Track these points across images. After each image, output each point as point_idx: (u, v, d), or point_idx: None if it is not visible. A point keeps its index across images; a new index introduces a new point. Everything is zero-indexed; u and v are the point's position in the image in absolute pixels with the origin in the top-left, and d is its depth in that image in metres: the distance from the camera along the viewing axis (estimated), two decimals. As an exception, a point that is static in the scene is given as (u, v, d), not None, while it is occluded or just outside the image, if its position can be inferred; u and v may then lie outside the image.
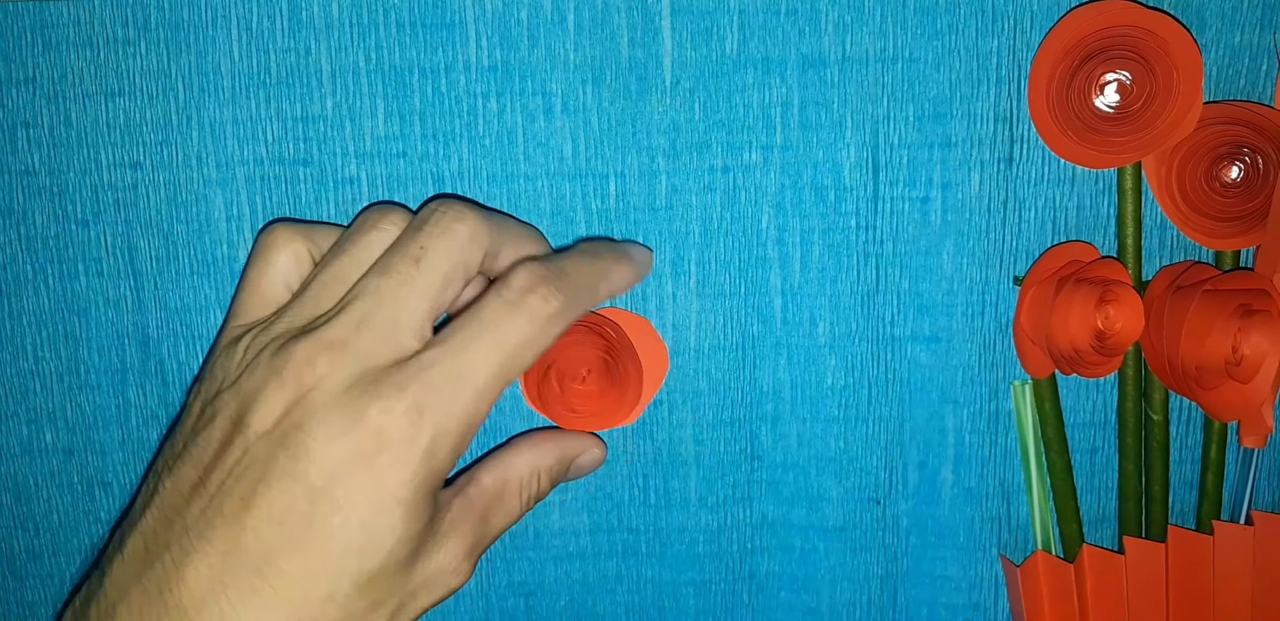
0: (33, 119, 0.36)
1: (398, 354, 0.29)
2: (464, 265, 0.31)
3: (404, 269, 0.30)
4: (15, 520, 0.38)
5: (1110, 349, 0.36)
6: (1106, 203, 0.38)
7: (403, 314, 0.30)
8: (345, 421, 0.28)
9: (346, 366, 0.29)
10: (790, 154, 0.37)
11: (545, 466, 0.34)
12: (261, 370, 0.29)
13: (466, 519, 0.31)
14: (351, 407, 0.28)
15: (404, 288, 0.30)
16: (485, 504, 0.32)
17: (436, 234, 0.31)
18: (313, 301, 0.31)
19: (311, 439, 0.28)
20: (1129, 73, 0.35)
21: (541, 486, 0.34)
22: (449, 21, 0.35)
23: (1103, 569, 0.38)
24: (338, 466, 0.28)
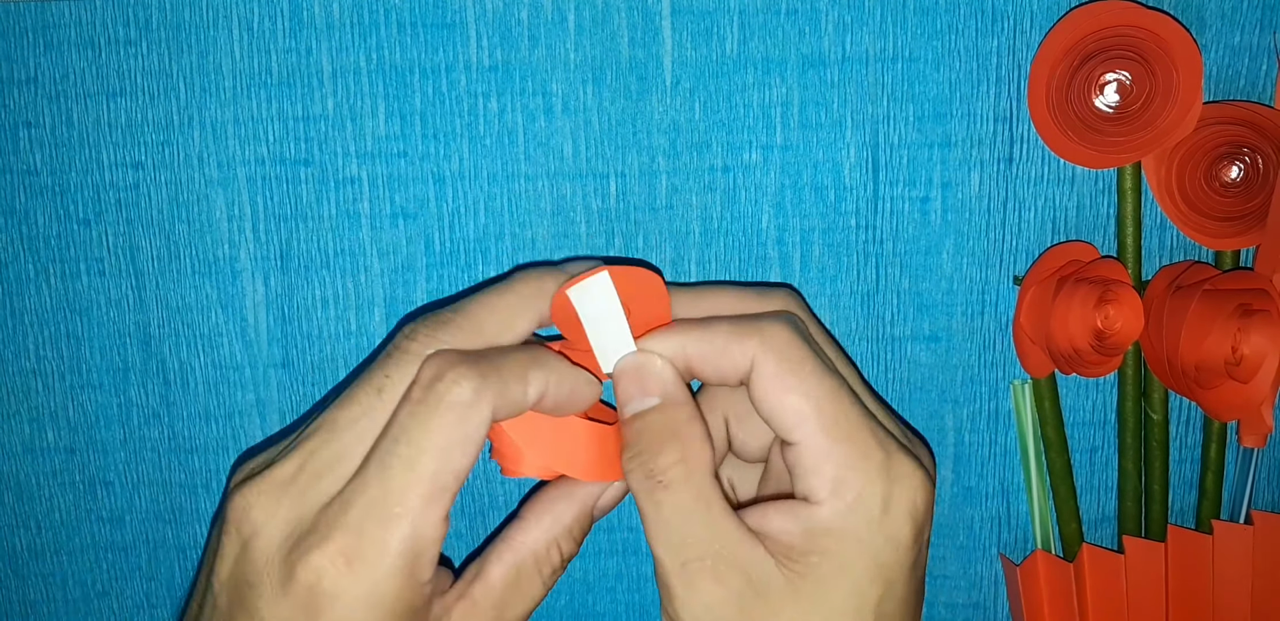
0: (35, 119, 0.36)
1: (342, 487, 0.27)
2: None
3: (362, 400, 0.28)
4: (17, 518, 0.38)
5: (1110, 348, 0.36)
6: (1106, 202, 0.38)
7: (353, 447, 0.27)
8: (282, 581, 0.27)
9: (281, 513, 0.27)
10: (790, 154, 0.37)
11: (562, 531, 0.30)
12: (220, 513, 0.28)
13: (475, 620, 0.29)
14: (285, 564, 0.27)
15: (361, 420, 0.28)
16: (496, 599, 0.29)
17: (400, 360, 0.28)
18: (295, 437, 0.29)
19: (258, 598, 0.27)
20: (1129, 73, 0.35)
21: (565, 553, 0.30)
22: (450, 21, 0.35)
23: (1102, 568, 0.38)
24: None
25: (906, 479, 0.28)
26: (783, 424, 0.28)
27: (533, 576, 0.30)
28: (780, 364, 0.28)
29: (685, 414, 0.29)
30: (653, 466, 0.29)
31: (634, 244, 0.37)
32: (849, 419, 0.28)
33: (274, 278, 0.37)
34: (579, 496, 0.30)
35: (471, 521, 0.39)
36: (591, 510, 0.31)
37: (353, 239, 0.37)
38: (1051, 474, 0.39)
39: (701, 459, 0.29)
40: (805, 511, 0.28)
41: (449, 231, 0.37)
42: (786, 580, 0.28)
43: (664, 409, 0.29)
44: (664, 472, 0.28)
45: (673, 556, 0.28)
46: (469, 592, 0.29)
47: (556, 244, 0.37)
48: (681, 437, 0.29)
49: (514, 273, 0.30)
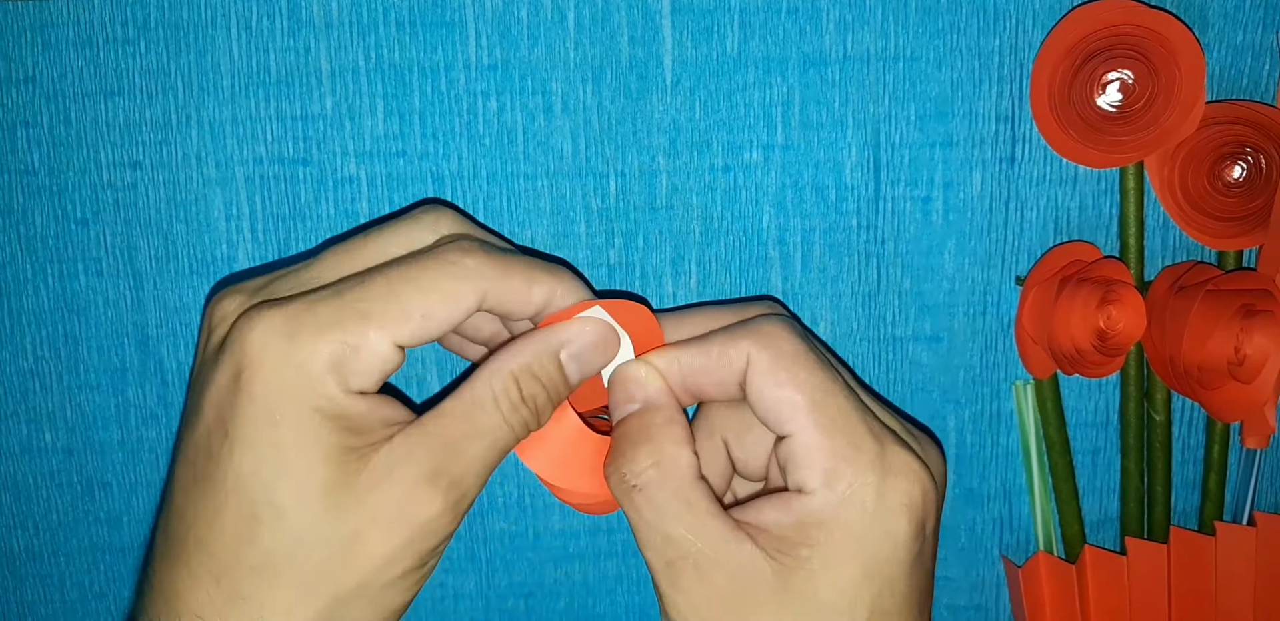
0: (32, 118, 0.35)
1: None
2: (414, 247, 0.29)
3: (352, 239, 0.29)
4: (14, 519, 0.38)
5: (1112, 349, 0.36)
6: (1109, 202, 0.38)
7: (328, 271, 0.29)
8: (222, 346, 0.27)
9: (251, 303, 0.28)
10: (791, 153, 0.37)
11: (520, 366, 0.29)
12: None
13: (418, 446, 0.27)
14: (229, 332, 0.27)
15: (342, 254, 0.29)
16: (448, 427, 0.28)
17: (402, 218, 0.29)
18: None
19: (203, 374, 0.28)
20: (1131, 72, 0.35)
21: (527, 389, 0.29)
22: (449, 20, 0.35)
23: (1105, 570, 0.38)
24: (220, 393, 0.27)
25: (902, 472, 0.28)
26: (777, 417, 0.28)
27: (489, 410, 0.28)
28: (775, 358, 0.28)
29: (662, 417, 0.30)
30: (625, 471, 0.29)
31: (634, 244, 0.37)
32: (843, 411, 0.28)
33: (272, 278, 0.37)
34: (539, 334, 0.30)
35: (470, 522, 0.39)
36: (556, 351, 0.29)
37: (351, 239, 0.37)
38: (1054, 475, 0.39)
39: (677, 460, 0.29)
40: (797, 502, 0.28)
41: (448, 231, 0.37)
42: (776, 574, 0.28)
43: (640, 413, 0.30)
44: (638, 476, 0.29)
45: (656, 557, 0.29)
46: (421, 420, 0.28)
47: (556, 243, 0.37)
48: (655, 440, 0.29)
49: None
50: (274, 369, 0.26)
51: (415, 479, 0.27)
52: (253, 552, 0.27)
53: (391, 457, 0.27)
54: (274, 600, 0.27)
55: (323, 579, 0.27)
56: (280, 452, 0.26)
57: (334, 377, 0.27)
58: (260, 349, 0.27)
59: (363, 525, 0.27)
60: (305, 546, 0.27)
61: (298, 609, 0.27)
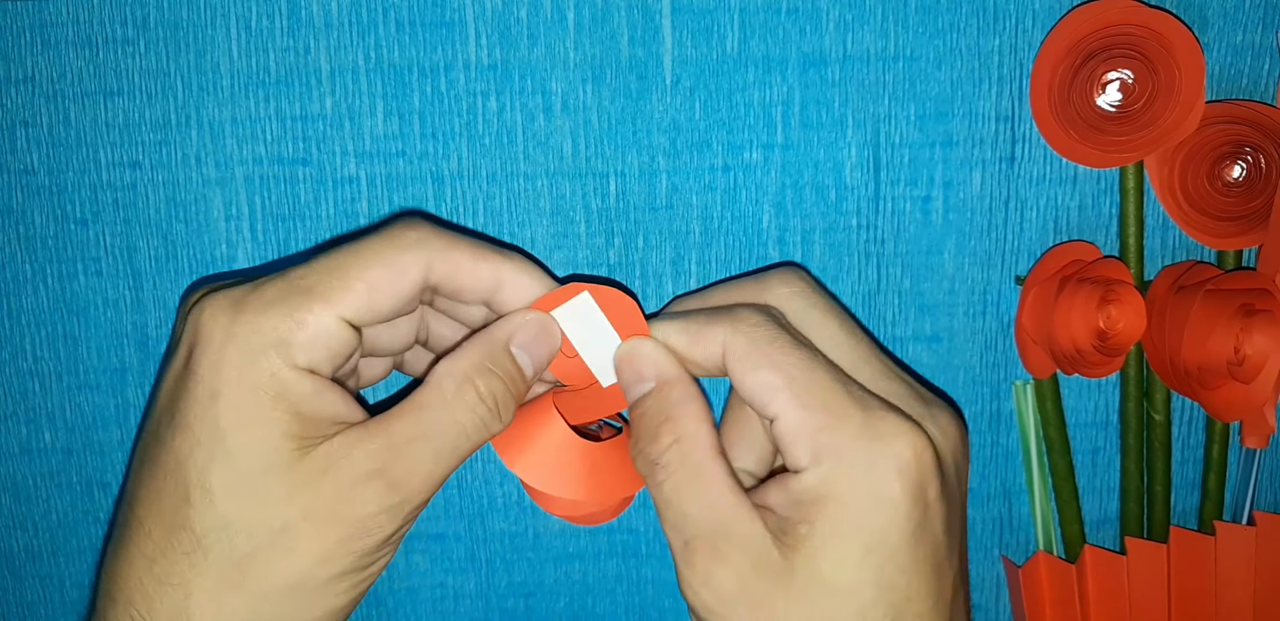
0: (31, 118, 0.35)
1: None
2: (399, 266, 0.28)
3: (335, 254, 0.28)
4: (14, 520, 0.38)
5: (1112, 349, 0.36)
6: (1108, 202, 0.38)
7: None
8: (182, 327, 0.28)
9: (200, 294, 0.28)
10: (791, 153, 0.37)
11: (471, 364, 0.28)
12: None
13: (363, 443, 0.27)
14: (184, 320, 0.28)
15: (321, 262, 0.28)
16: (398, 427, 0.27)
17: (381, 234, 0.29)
18: None
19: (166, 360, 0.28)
20: (1131, 72, 0.35)
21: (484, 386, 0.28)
22: (448, 20, 0.35)
23: (1105, 569, 0.38)
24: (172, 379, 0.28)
25: (890, 436, 0.27)
26: (760, 400, 0.28)
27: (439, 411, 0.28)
28: (750, 343, 0.28)
29: (678, 394, 0.29)
30: (650, 451, 0.29)
31: (634, 244, 0.37)
32: (821, 385, 0.28)
33: (272, 278, 0.37)
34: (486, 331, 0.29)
35: (471, 522, 0.39)
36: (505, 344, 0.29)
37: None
38: (1053, 475, 0.39)
39: (696, 437, 0.29)
40: (793, 481, 0.28)
41: (448, 231, 0.37)
42: (782, 555, 0.27)
43: (657, 391, 0.30)
44: (660, 455, 0.29)
45: (676, 535, 0.28)
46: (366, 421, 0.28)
47: (556, 243, 0.37)
48: (674, 419, 0.29)
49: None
50: (218, 346, 0.26)
51: (354, 477, 0.27)
52: (185, 537, 0.26)
53: (331, 453, 0.27)
54: (201, 588, 0.26)
55: (251, 570, 0.26)
56: (217, 433, 0.26)
57: (277, 352, 0.26)
58: (207, 329, 0.27)
59: (294, 518, 0.26)
60: (233, 533, 0.26)
61: (225, 600, 0.26)
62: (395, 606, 0.39)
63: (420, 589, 0.39)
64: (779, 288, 0.31)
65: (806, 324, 0.30)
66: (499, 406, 0.29)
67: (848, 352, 0.30)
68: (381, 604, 0.39)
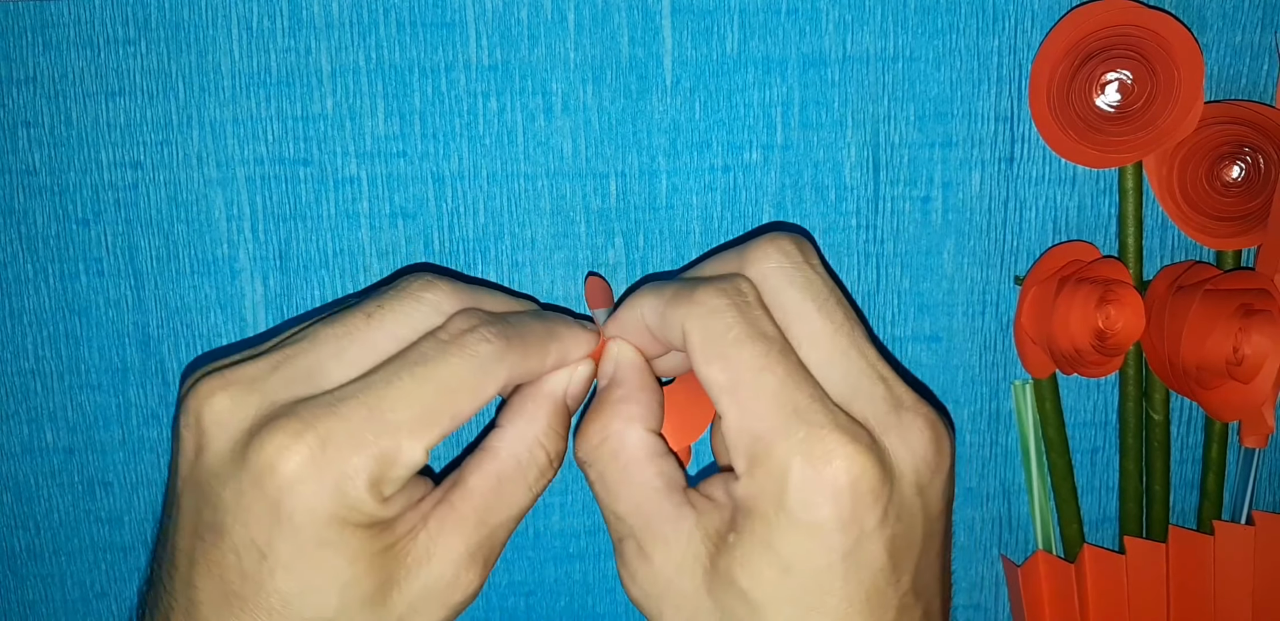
0: (33, 118, 0.36)
1: (313, 393, 0.27)
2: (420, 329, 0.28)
3: (349, 320, 0.28)
4: (15, 519, 0.38)
5: (1111, 349, 0.36)
6: (1107, 202, 0.38)
7: (330, 361, 0.27)
8: (242, 463, 0.26)
9: (248, 403, 0.26)
10: (791, 153, 0.37)
11: (539, 432, 0.29)
12: (179, 411, 0.27)
13: (456, 527, 0.28)
14: (249, 446, 0.26)
15: (344, 338, 0.27)
16: (477, 504, 0.28)
17: (398, 296, 0.28)
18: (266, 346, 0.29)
19: (222, 487, 0.26)
20: (1130, 72, 0.35)
21: (550, 452, 0.29)
22: (449, 21, 0.35)
23: (1104, 569, 0.38)
24: (250, 514, 0.26)
25: (827, 457, 0.25)
26: (711, 395, 0.27)
27: (516, 481, 0.28)
28: (703, 333, 0.27)
29: (617, 394, 0.29)
30: (579, 449, 0.29)
31: (634, 244, 0.37)
32: (769, 390, 0.26)
33: (273, 278, 0.37)
34: (546, 392, 0.29)
35: (471, 522, 0.39)
36: (564, 402, 0.30)
37: (352, 239, 0.37)
38: (1053, 474, 0.39)
39: (624, 438, 0.29)
40: (732, 485, 0.27)
41: (448, 231, 0.37)
42: (709, 557, 0.27)
43: (604, 389, 0.30)
44: (588, 455, 0.29)
45: (612, 533, 0.29)
46: (448, 498, 0.28)
47: (556, 243, 0.37)
48: (604, 418, 0.29)
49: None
50: (313, 492, 0.25)
51: (455, 561, 0.28)
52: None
53: (429, 546, 0.27)
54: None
55: None
56: (324, 572, 0.26)
57: (373, 492, 0.26)
58: (297, 470, 0.25)
59: (405, 612, 0.27)
60: (310, 599, 0.26)
61: None
62: (396, 605, 0.39)
63: (421, 588, 0.39)
64: (759, 262, 0.29)
65: (782, 305, 0.28)
66: (558, 460, 0.30)
67: (823, 343, 0.28)
68: (382, 603, 0.39)
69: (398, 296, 0.28)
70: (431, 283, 0.29)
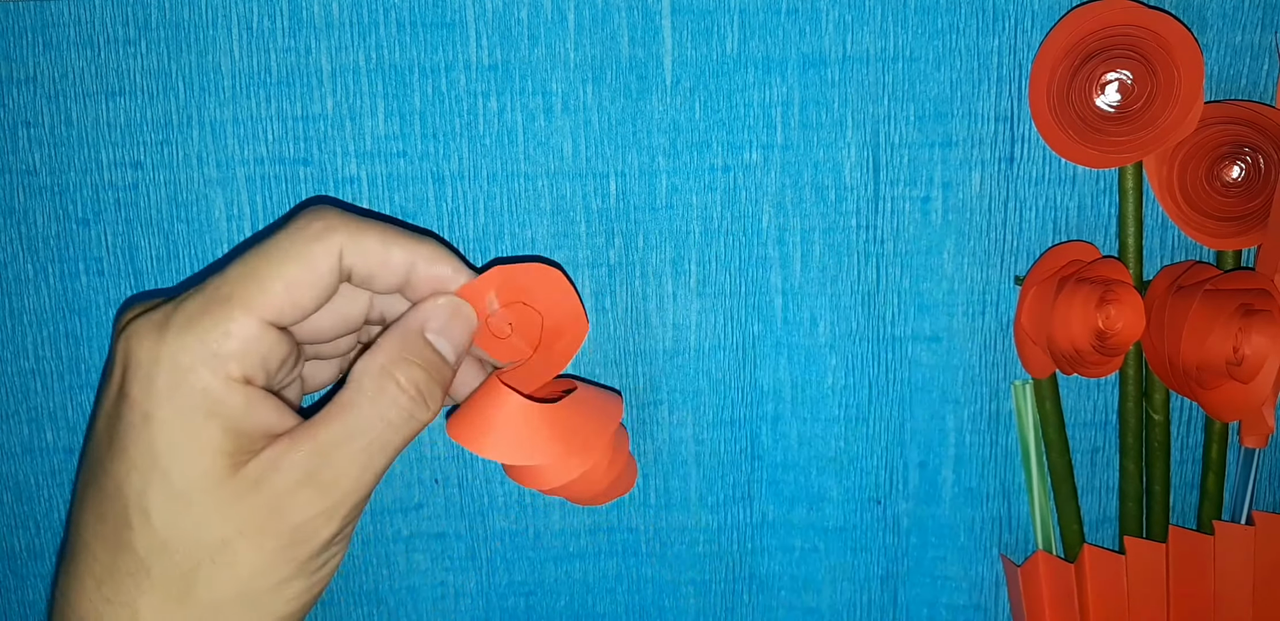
0: (33, 118, 0.36)
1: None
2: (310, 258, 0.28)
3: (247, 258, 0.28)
4: (16, 519, 0.38)
5: (1111, 349, 0.36)
6: (1107, 202, 0.38)
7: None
8: (114, 353, 0.27)
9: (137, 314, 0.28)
10: (791, 153, 0.37)
11: (389, 358, 0.29)
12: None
13: (291, 452, 0.27)
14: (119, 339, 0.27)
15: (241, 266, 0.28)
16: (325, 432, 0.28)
17: (288, 228, 0.29)
18: None
19: (101, 382, 0.28)
20: (1130, 72, 0.35)
21: (407, 376, 0.29)
22: (449, 21, 0.35)
23: (1104, 569, 0.38)
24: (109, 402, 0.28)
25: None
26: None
27: (363, 409, 0.28)
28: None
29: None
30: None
31: (634, 244, 0.37)
32: None
33: (273, 277, 0.37)
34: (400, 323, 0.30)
35: (471, 521, 0.39)
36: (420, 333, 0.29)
37: (352, 239, 0.37)
38: (1053, 474, 0.39)
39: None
40: None
41: (448, 231, 0.37)
42: None
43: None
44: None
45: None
46: (294, 429, 0.28)
47: (556, 243, 0.37)
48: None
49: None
50: (147, 368, 0.26)
51: (286, 486, 0.27)
52: (127, 558, 0.27)
53: (261, 467, 0.27)
54: (148, 606, 0.27)
55: (195, 587, 0.27)
56: (152, 455, 0.27)
57: (207, 367, 0.26)
58: (136, 351, 0.27)
59: (230, 534, 0.27)
60: (173, 552, 0.27)
61: (172, 616, 0.27)
62: (396, 605, 0.39)
63: (421, 587, 0.39)
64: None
65: None
66: (423, 395, 0.29)
67: None
68: (382, 602, 0.39)
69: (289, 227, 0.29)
70: (319, 209, 0.29)
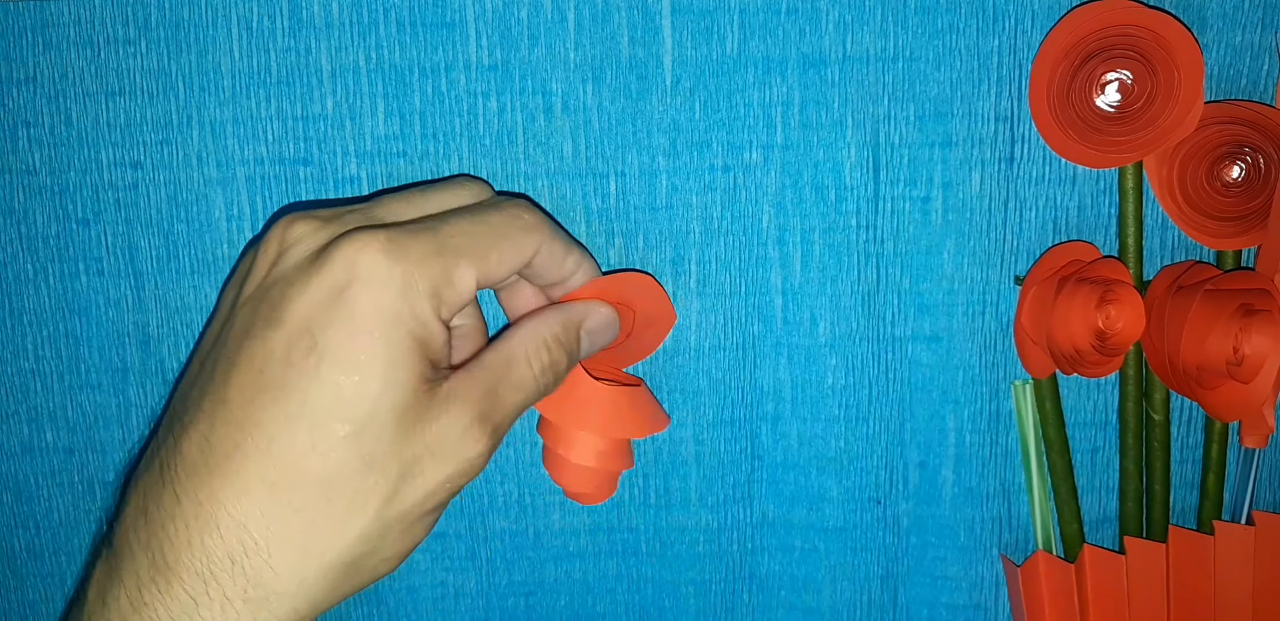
0: (33, 118, 0.36)
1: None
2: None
3: (408, 192, 0.31)
4: (16, 519, 0.38)
5: (1111, 349, 0.36)
6: (1107, 202, 0.38)
7: (397, 212, 0.31)
8: (317, 263, 0.28)
9: (327, 228, 0.29)
10: (791, 153, 0.37)
11: (551, 335, 0.32)
12: (257, 238, 0.30)
13: (471, 388, 0.29)
14: (327, 249, 0.28)
15: (406, 201, 0.31)
16: (491, 377, 0.30)
17: (446, 182, 0.32)
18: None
19: (290, 285, 0.28)
20: (1130, 72, 0.35)
21: (553, 355, 0.32)
22: (449, 21, 0.35)
23: (1103, 569, 0.38)
24: (313, 305, 0.27)
25: None
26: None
27: (524, 365, 0.31)
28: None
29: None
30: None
31: (634, 244, 0.37)
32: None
33: (273, 277, 0.37)
34: (564, 306, 0.33)
35: (471, 520, 0.39)
36: (579, 327, 0.33)
37: (352, 239, 0.37)
38: (1053, 474, 0.39)
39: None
40: None
41: (448, 231, 0.37)
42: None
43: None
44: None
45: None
46: (467, 366, 0.30)
47: (556, 244, 0.37)
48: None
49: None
50: (381, 286, 0.27)
51: (470, 418, 0.29)
52: (319, 465, 0.27)
53: (451, 394, 0.29)
54: (328, 515, 0.27)
55: (375, 501, 0.28)
56: (370, 370, 0.27)
57: (430, 303, 0.28)
58: (368, 267, 0.27)
59: (423, 453, 0.28)
60: (369, 465, 0.27)
61: (347, 528, 0.27)
62: (396, 605, 0.39)
63: (420, 587, 0.39)
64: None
65: None
66: (558, 376, 0.32)
67: None
68: (382, 602, 0.39)
69: (446, 182, 0.32)
70: (474, 178, 0.32)
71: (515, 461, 0.39)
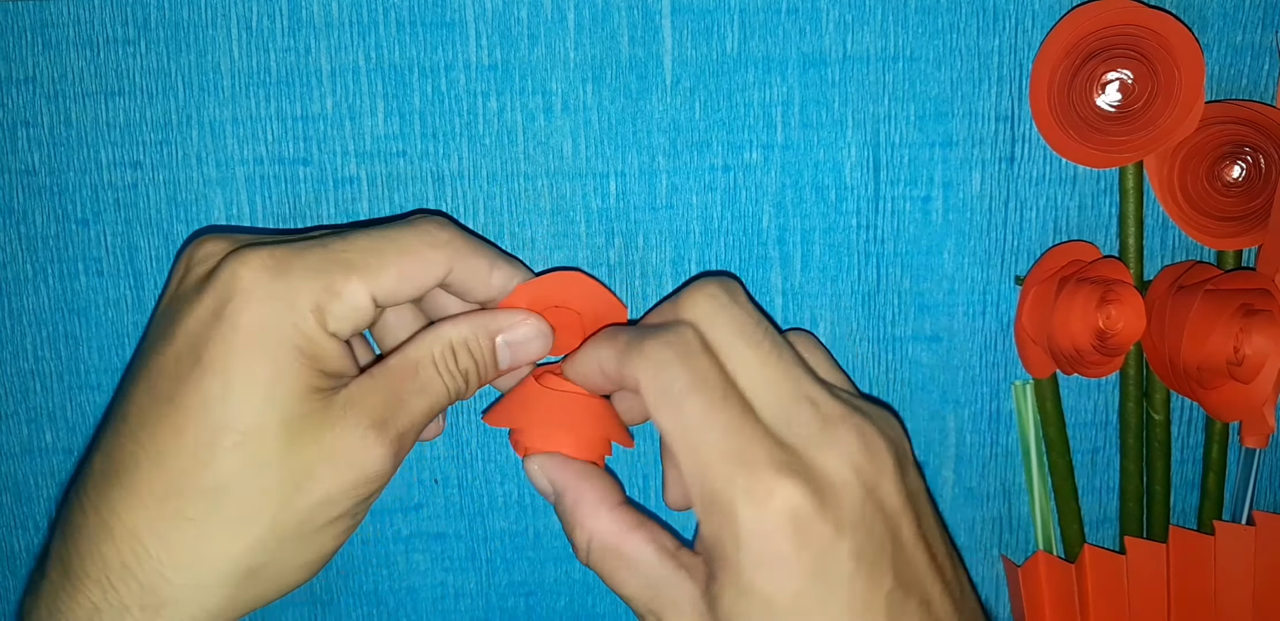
0: (33, 118, 0.35)
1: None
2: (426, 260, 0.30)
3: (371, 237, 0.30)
4: (15, 520, 0.38)
5: (1112, 349, 0.36)
6: (1108, 202, 0.38)
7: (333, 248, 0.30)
8: (207, 281, 0.28)
9: (233, 248, 0.29)
10: (791, 153, 0.37)
11: (459, 338, 0.31)
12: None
13: (370, 394, 0.29)
14: (216, 267, 0.29)
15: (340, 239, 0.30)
16: (393, 382, 0.30)
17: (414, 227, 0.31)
18: None
19: (185, 302, 0.29)
20: (1130, 72, 0.35)
21: (461, 362, 0.31)
22: (449, 20, 0.35)
23: (1104, 569, 0.38)
24: (198, 322, 0.28)
25: (768, 494, 0.27)
26: (665, 444, 0.29)
27: (430, 369, 0.30)
28: (654, 386, 0.28)
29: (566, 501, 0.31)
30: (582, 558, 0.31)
31: (634, 244, 0.37)
32: (714, 438, 0.28)
33: (273, 277, 0.37)
34: (481, 313, 0.32)
35: (471, 521, 0.39)
36: (496, 335, 0.32)
37: (352, 239, 0.37)
38: (1053, 474, 0.39)
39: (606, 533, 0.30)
40: (699, 528, 0.28)
41: (448, 231, 0.37)
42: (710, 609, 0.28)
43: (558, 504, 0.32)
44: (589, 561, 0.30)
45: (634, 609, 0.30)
46: (370, 371, 0.30)
47: (556, 243, 0.37)
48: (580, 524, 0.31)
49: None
50: (260, 301, 0.28)
51: (367, 424, 0.29)
52: (207, 475, 0.28)
53: (348, 401, 0.29)
54: (218, 524, 0.28)
55: (268, 509, 0.28)
56: (251, 381, 0.28)
57: (315, 316, 0.28)
58: (249, 282, 0.28)
59: (315, 460, 0.28)
60: (258, 474, 0.28)
61: (239, 536, 0.28)
62: (396, 605, 0.39)
63: (420, 587, 0.39)
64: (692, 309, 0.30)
65: (716, 343, 0.30)
66: (468, 383, 0.31)
67: (755, 374, 0.29)
68: (382, 602, 0.39)
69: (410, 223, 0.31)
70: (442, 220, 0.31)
71: (515, 461, 0.38)
